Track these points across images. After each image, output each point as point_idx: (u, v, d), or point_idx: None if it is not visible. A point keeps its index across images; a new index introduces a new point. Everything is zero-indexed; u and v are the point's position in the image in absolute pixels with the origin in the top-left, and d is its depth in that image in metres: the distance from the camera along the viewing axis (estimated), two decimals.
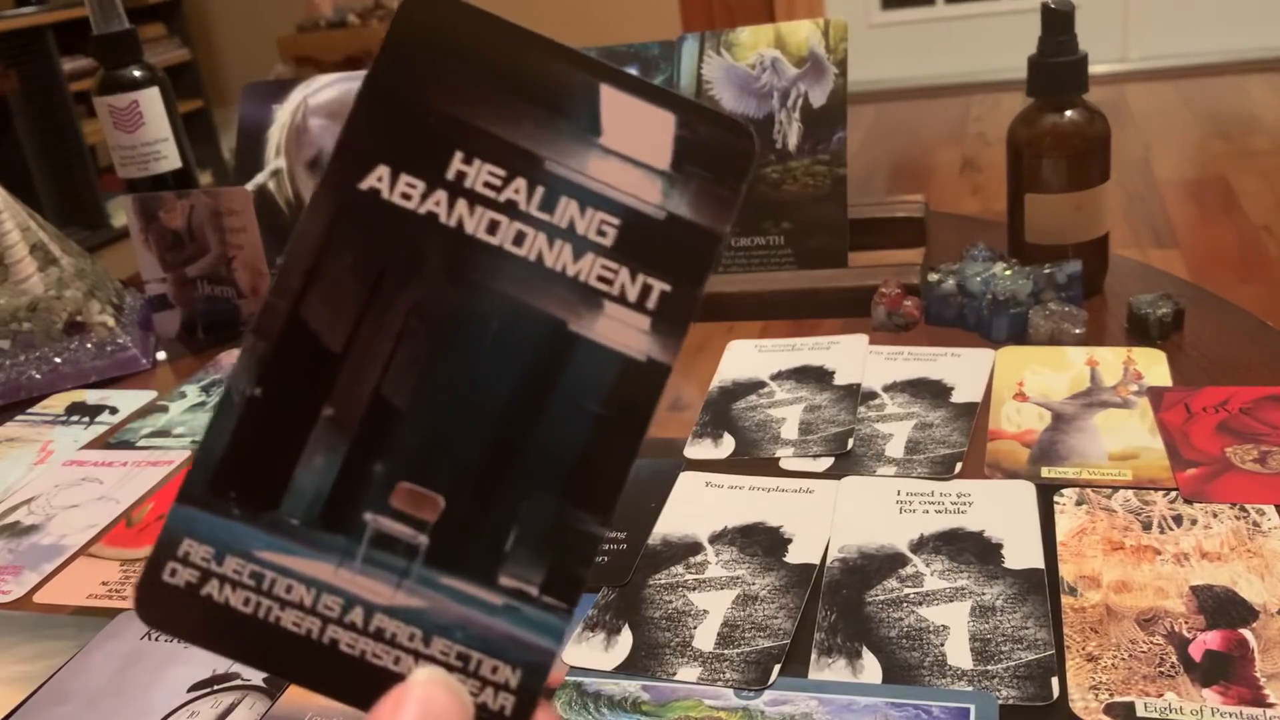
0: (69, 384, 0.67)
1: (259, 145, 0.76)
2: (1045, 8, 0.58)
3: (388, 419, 0.20)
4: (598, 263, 0.20)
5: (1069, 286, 0.57)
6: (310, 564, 0.20)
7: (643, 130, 0.20)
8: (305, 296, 0.20)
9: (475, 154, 0.20)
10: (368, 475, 0.20)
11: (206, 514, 0.20)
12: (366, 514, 0.20)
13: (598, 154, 0.20)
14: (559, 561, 0.20)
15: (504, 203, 0.20)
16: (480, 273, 0.20)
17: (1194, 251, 1.88)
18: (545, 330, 0.20)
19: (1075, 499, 0.42)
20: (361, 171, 0.20)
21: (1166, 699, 0.32)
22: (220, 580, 0.20)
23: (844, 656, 0.36)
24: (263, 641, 0.20)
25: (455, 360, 0.20)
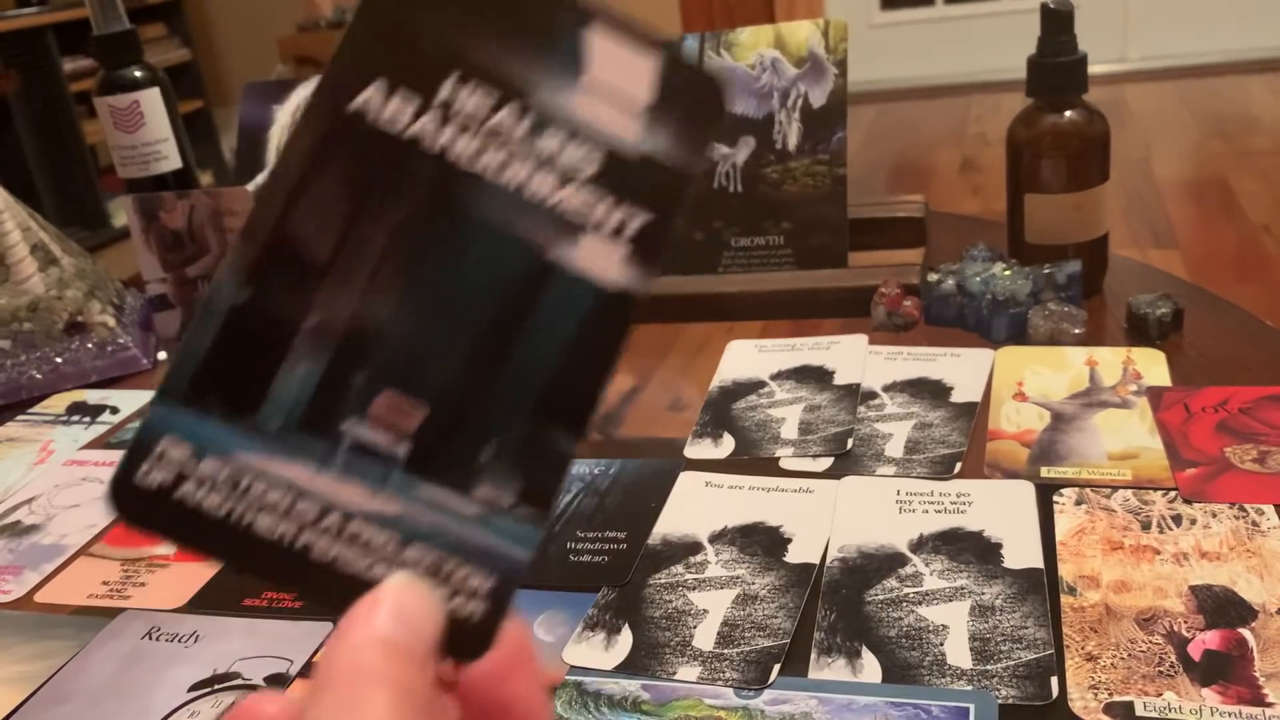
0: (70, 384, 0.67)
1: (259, 145, 0.76)
2: (1045, 8, 0.58)
3: (370, 331, 0.20)
4: (579, 193, 0.20)
5: (1068, 286, 0.57)
6: (288, 468, 0.20)
7: (626, 72, 0.21)
8: (293, 206, 0.20)
9: (468, 78, 0.20)
10: (349, 383, 0.20)
11: (186, 412, 0.20)
12: (347, 420, 0.20)
13: (583, 90, 0.20)
14: (532, 475, 0.21)
15: (490, 130, 0.20)
16: (464, 198, 0.20)
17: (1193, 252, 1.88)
18: (526, 256, 0.20)
19: (1075, 499, 0.43)
20: (355, 86, 0.20)
21: (1166, 698, 0.32)
22: (197, 481, 0.20)
23: (844, 656, 0.36)
24: (237, 543, 0.20)
25: (437, 280, 0.21)
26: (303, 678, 0.38)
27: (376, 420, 0.20)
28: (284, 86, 0.77)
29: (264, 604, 0.43)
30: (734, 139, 0.66)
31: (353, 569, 0.20)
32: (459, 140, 0.20)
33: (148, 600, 0.44)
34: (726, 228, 0.66)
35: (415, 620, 0.18)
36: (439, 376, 0.20)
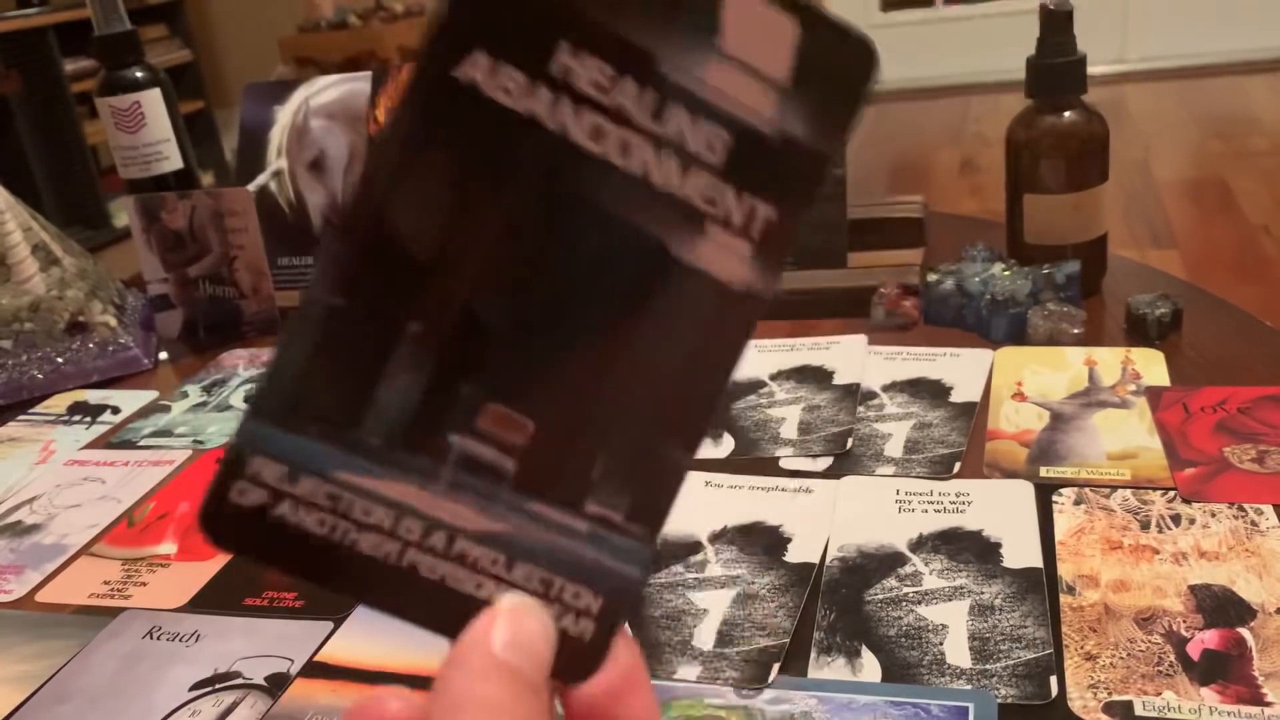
0: (71, 384, 0.67)
1: (260, 146, 0.76)
2: (1044, 9, 0.58)
3: (476, 336, 0.18)
4: (704, 181, 0.18)
5: (1067, 287, 0.57)
6: (391, 486, 0.19)
7: (763, 36, 0.18)
8: (391, 196, 0.18)
9: (583, 46, 0.17)
10: (455, 395, 0.19)
11: (280, 431, 0.18)
12: (453, 435, 0.19)
13: (716, 58, 0.18)
14: (645, 490, 0.19)
15: (610, 106, 0.18)
16: (582, 185, 0.18)
17: (1192, 252, 1.88)
18: (645, 252, 0.18)
19: (1074, 498, 0.43)
20: (457, 56, 0.17)
21: (1165, 698, 0.33)
22: (294, 501, 0.18)
23: (843, 655, 0.36)
24: (338, 564, 0.19)
25: (549, 277, 0.18)
26: (304, 678, 0.38)
27: (484, 434, 0.19)
28: (285, 87, 0.77)
29: (265, 603, 0.43)
30: None
31: (461, 588, 0.19)
32: (577, 117, 0.18)
33: (149, 600, 0.44)
34: None
35: (531, 643, 0.18)
36: (549, 386, 0.19)
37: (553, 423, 0.19)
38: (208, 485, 0.18)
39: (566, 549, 0.19)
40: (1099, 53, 2.83)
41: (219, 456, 0.55)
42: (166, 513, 0.51)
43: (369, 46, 3.31)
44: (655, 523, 0.19)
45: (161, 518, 0.51)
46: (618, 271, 0.18)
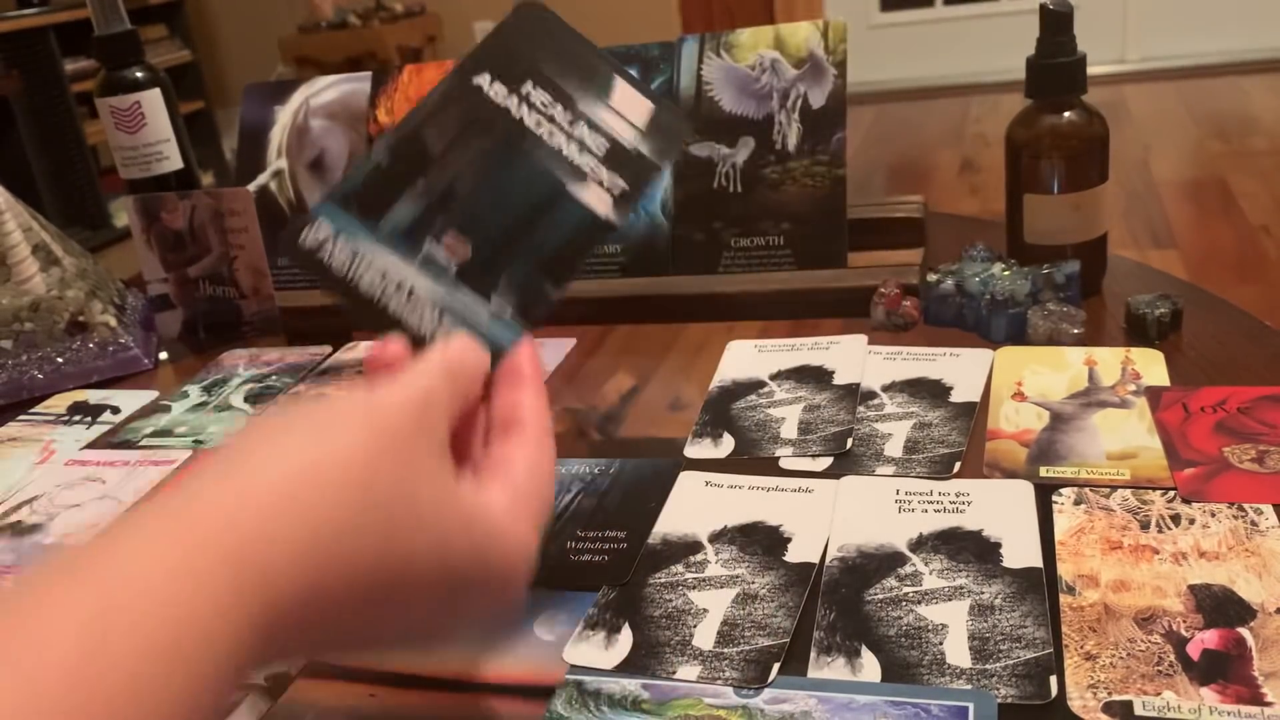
0: (71, 384, 0.67)
1: (260, 146, 0.76)
2: (1044, 9, 0.58)
3: (453, 197, 0.37)
4: (592, 161, 0.38)
5: (1067, 287, 0.57)
6: (387, 258, 0.36)
7: (633, 105, 0.39)
8: (425, 123, 0.38)
9: (539, 85, 0.38)
10: (433, 222, 0.37)
11: (339, 208, 0.37)
12: (426, 240, 0.37)
13: (606, 108, 0.39)
14: (526, 300, 0.37)
15: (548, 114, 0.38)
16: (525, 144, 0.38)
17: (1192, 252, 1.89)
18: (553, 185, 0.37)
19: (1073, 498, 0.43)
20: (475, 71, 0.39)
21: (1164, 698, 0.33)
22: (334, 248, 0.36)
23: (843, 655, 0.36)
24: (347, 290, 0.36)
25: (498, 182, 0.37)
26: (304, 677, 0.38)
27: (444, 244, 0.37)
28: (285, 87, 0.77)
29: None
30: (734, 140, 0.66)
31: (409, 320, 0.36)
32: (529, 115, 0.38)
33: None
34: (726, 228, 0.66)
35: (466, 355, 0.32)
36: (485, 232, 0.37)
37: (483, 251, 0.37)
38: (290, 226, 0.37)
39: (475, 317, 0.36)
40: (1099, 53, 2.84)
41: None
42: None
43: (369, 47, 3.31)
44: (530, 318, 0.37)
45: None
46: (536, 190, 0.37)
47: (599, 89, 0.37)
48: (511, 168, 0.36)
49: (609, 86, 0.38)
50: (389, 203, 0.36)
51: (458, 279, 0.35)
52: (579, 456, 0.50)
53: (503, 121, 0.37)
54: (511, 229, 0.36)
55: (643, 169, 0.37)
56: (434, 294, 0.35)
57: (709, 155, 0.67)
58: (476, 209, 0.36)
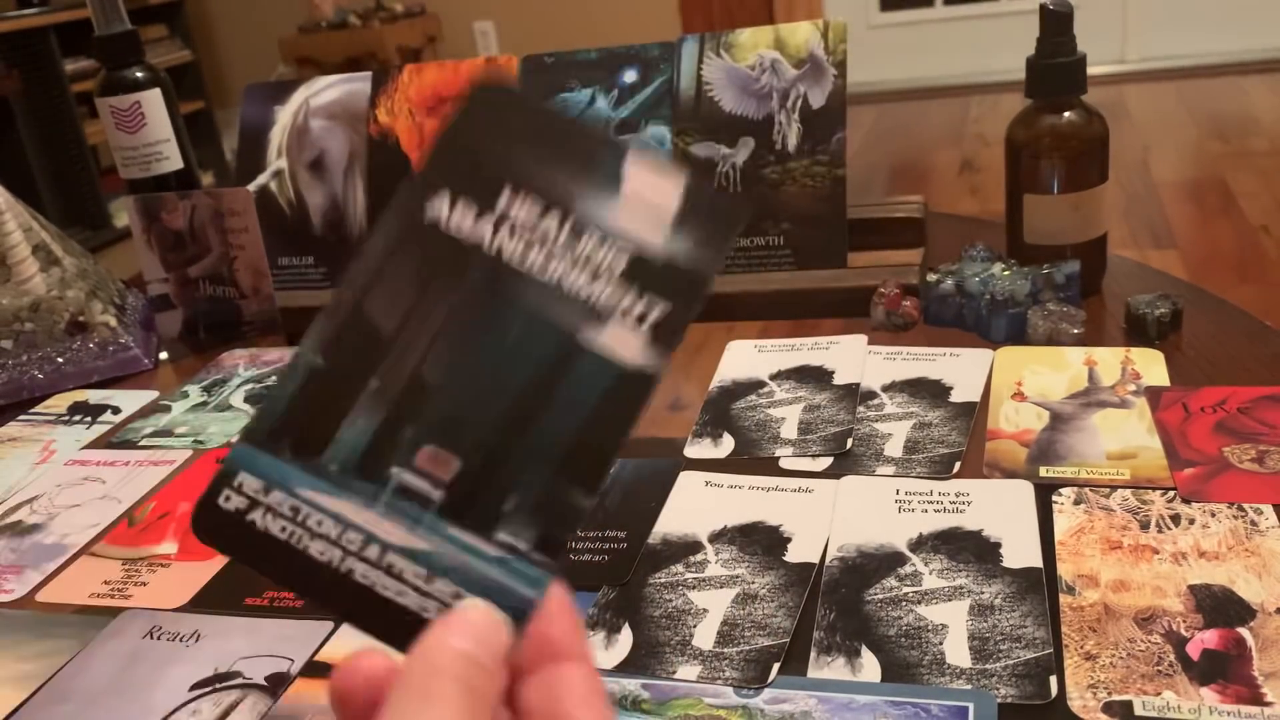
0: (71, 384, 0.67)
1: (260, 146, 0.76)
2: (1044, 9, 0.58)
3: (421, 394, 0.24)
4: (608, 287, 0.24)
5: (1067, 287, 0.57)
6: (340, 504, 0.24)
7: (656, 190, 0.25)
8: (368, 292, 0.25)
9: (520, 190, 0.25)
10: (398, 437, 0.24)
11: (263, 453, 0.24)
12: (393, 468, 0.24)
13: (618, 203, 0.25)
14: (548, 526, 0.24)
15: (538, 233, 0.24)
16: (510, 289, 0.24)
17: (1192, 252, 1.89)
18: (558, 339, 0.24)
19: (1073, 498, 0.43)
20: (429, 193, 0.25)
21: (1164, 698, 0.33)
22: (265, 509, 0.24)
23: (843, 655, 0.36)
24: (292, 565, 0.23)
25: (481, 354, 0.24)
26: (304, 677, 0.38)
27: (419, 469, 0.24)
28: (285, 88, 0.77)
29: (265, 603, 0.43)
30: (734, 140, 0.66)
31: (387, 595, 0.23)
32: (509, 242, 0.24)
33: (149, 600, 0.44)
34: None
35: (485, 636, 0.21)
36: (475, 435, 0.24)
37: (475, 463, 0.24)
38: (203, 489, 0.24)
39: (478, 570, 0.23)
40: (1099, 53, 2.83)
41: (219, 457, 0.55)
42: (167, 512, 0.51)
43: (369, 47, 3.31)
44: (556, 553, 0.23)
45: (162, 517, 0.51)
46: (535, 352, 0.24)
47: (603, 178, 0.25)
48: (495, 327, 0.24)
49: (617, 172, 0.25)
50: (332, 425, 0.24)
51: (445, 514, 0.23)
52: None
53: (473, 262, 0.24)
54: (510, 420, 0.24)
55: (682, 280, 0.24)
56: (415, 546, 0.23)
57: (709, 155, 0.67)
58: (456, 403, 0.24)
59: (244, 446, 0.24)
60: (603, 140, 0.25)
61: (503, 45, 3.46)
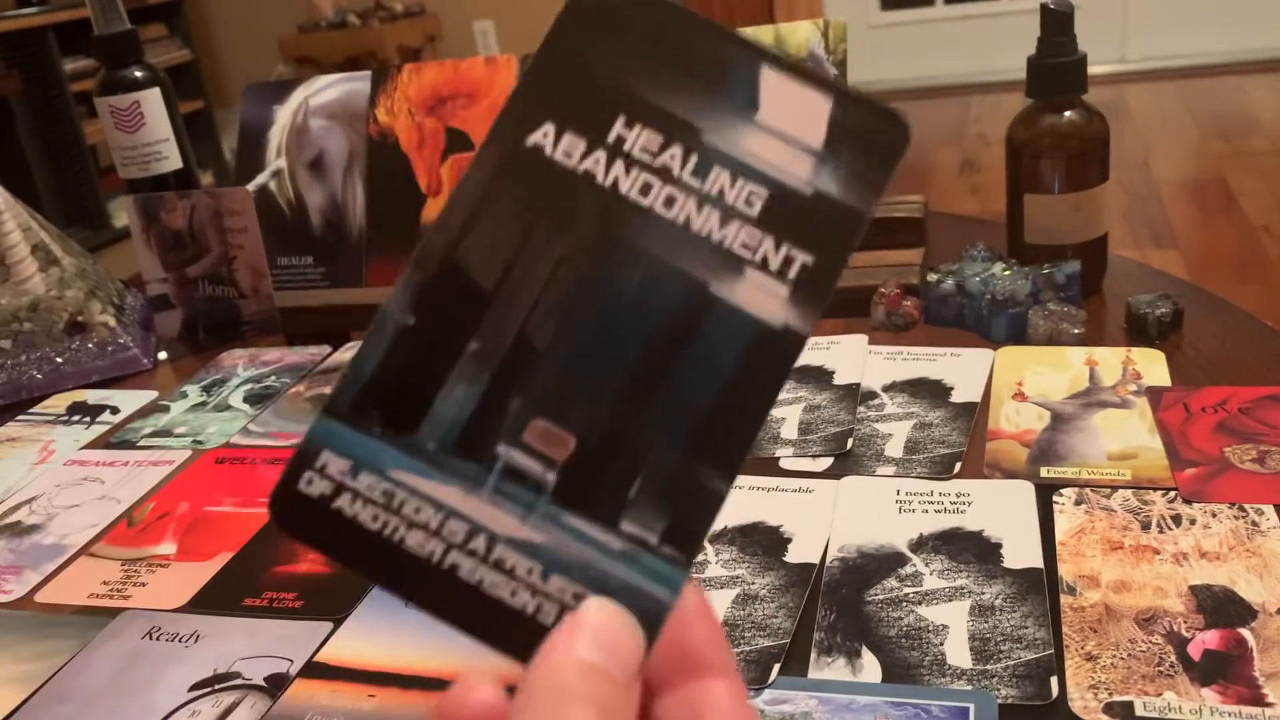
0: (70, 384, 0.67)
1: (260, 146, 0.76)
2: (1044, 8, 0.58)
3: (528, 358, 0.20)
4: (743, 230, 0.20)
5: (1068, 287, 0.57)
6: (440, 488, 0.20)
7: (798, 111, 0.20)
8: (464, 237, 0.21)
9: (636, 119, 0.21)
10: (505, 409, 0.20)
11: (348, 429, 0.20)
12: (500, 445, 0.20)
13: (753, 129, 0.21)
14: (681, 514, 0.20)
15: (658, 167, 0.21)
16: (629, 231, 0.21)
17: (1193, 252, 1.88)
18: (687, 290, 0.20)
19: (1074, 499, 0.43)
20: (529, 127, 0.21)
21: (1165, 698, 0.32)
22: (353, 495, 0.20)
23: (843, 656, 0.36)
24: (385, 560, 0.20)
25: (598, 310, 0.21)
26: (303, 678, 0.38)
27: (529, 447, 0.20)
28: (284, 87, 0.77)
29: (264, 604, 0.43)
30: None
31: (495, 594, 0.20)
32: (626, 176, 0.21)
33: (148, 600, 0.44)
34: None
35: (616, 644, 0.18)
36: (593, 407, 0.20)
37: (593, 441, 0.20)
38: (280, 472, 0.20)
39: (600, 565, 0.20)
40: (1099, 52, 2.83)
41: (217, 458, 0.55)
42: (166, 513, 0.51)
43: (368, 46, 3.30)
44: (690, 547, 0.20)
45: (161, 518, 0.51)
46: (661, 306, 0.20)
47: (737, 97, 0.20)
48: (612, 277, 0.20)
49: (752, 87, 0.20)
50: (427, 395, 0.20)
51: (560, 500, 0.20)
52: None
53: (587, 199, 0.20)
54: (632, 388, 0.20)
55: (830, 223, 0.20)
56: (527, 538, 0.20)
57: None
58: (570, 368, 0.20)
59: (326, 421, 0.20)
60: (733, 44, 0.21)
61: (503, 45, 3.46)
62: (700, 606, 0.19)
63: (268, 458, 0.55)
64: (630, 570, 0.20)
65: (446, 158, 0.72)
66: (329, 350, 0.68)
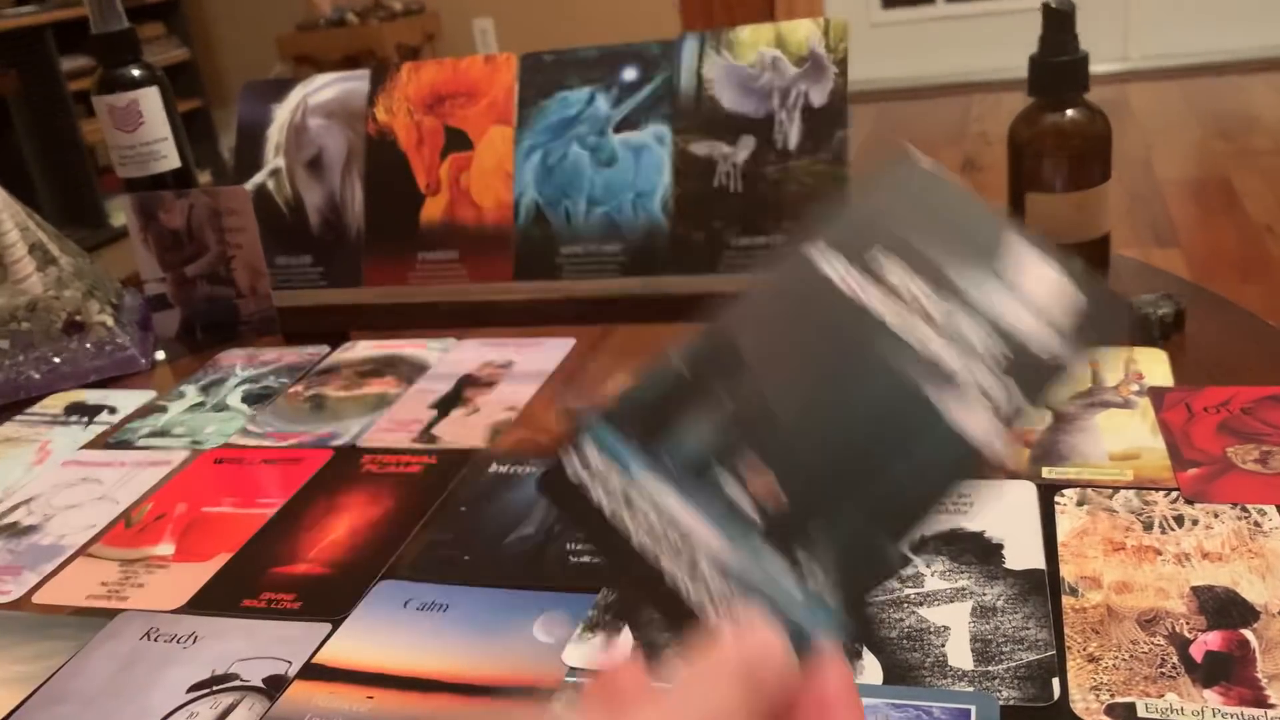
0: (68, 384, 0.67)
1: (258, 145, 0.76)
2: (1046, 7, 0.58)
3: (767, 422, 0.26)
4: (985, 374, 0.25)
5: None
6: (670, 500, 0.25)
7: (1050, 289, 0.26)
8: (744, 326, 0.27)
9: (908, 262, 0.26)
10: (738, 456, 0.25)
11: (616, 435, 0.26)
12: (730, 484, 0.25)
13: (1008, 295, 0.26)
14: (855, 572, 0.24)
15: (920, 301, 0.26)
16: (880, 346, 0.25)
17: (1195, 251, 1.88)
18: (916, 401, 0.25)
19: (1076, 499, 0.42)
20: (818, 247, 0.27)
21: (1167, 699, 0.32)
22: (603, 488, 0.25)
23: (844, 657, 0.36)
24: (612, 543, 0.25)
25: (833, 398, 0.26)
26: (302, 679, 0.38)
27: (750, 492, 0.25)
28: (282, 86, 0.77)
29: (263, 605, 0.43)
30: (734, 138, 0.66)
31: (690, 599, 0.24)
32: (888, 304, 0.26)
33: (146, 601, 0.44)
34: (726, 228, 0.66)
35: (770, 655, 0.21)
36: (808, 471, 0.25)
37: (801, 498, 0.25)
38: (554, 457, 0.26)
39: (780, 599, 0.24)
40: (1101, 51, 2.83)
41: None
42: (164, 513, 0.51)
43: (367, 44, 3.30)
44: (856, 602, 0.24)
45: (159, 518, 0.51)
46: (888, 407, 0.25)
47: (990, 259, 0.25)
48: (854, 376, 0.25)
49: (1012, 262, 0.26)
50: (682, 429, 0.26)
51: (762, 538, 0.24)
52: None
53: (845, 312, 0.25)
54: (844, 464, 0.25)
55: (1053, 376, 0.25)
56: (727, 560, 0.24)
57: (709, 154, 0.66)
58: (801, 441, 0.25)
59: (603, 426, 0.26)
60: (998, 223, 0.26)
61: (502, 43, 3.46)
62: (840, 673, 0.22)
63: (266, 458, 0.55)
64: (801, 609, 0.24)
65: (445, 156, 0.71)
66: (327, 350, 0.67)
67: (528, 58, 0.71)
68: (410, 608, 0.41)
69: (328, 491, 0.51)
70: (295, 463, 0.54)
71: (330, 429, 0.57)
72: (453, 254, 0.70)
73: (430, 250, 0.71)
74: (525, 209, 0.69)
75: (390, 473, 0.52)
